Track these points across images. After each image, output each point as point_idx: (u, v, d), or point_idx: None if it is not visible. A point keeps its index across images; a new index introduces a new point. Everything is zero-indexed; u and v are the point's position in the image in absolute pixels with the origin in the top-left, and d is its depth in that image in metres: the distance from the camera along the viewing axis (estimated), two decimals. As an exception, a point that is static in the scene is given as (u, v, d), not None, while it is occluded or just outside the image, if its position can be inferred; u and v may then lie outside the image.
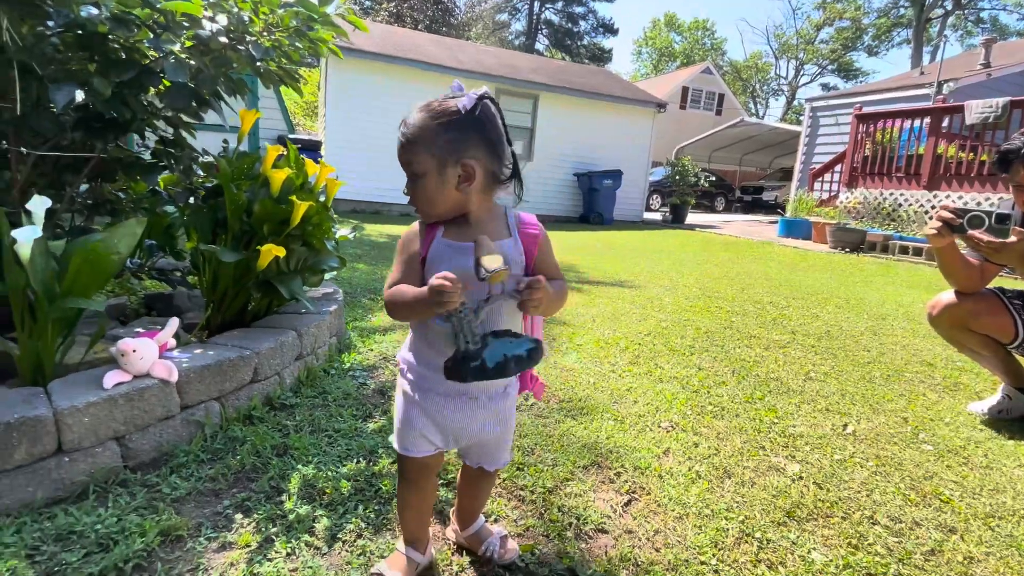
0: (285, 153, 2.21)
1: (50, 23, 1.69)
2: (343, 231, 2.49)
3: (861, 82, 35.47)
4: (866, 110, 9.72)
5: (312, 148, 9.43)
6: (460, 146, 0.94)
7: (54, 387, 1.43)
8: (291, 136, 9.52)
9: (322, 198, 2.32)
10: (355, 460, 1.58)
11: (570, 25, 34.91)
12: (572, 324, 3.24)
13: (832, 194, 10.39)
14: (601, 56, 34.93)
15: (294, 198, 2.00)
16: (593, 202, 11.51)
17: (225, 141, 2.29)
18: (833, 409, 2.21)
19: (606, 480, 1.59)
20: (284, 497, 1.38)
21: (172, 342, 1.66)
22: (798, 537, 1.39)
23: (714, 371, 2.56)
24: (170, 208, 2.38)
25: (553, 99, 11.45)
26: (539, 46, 35.11)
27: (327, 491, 1.41)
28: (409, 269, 0.98)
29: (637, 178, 12.50)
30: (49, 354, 1.55)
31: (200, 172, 2.21)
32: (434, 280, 0.86)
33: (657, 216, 14.60)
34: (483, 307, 0.90)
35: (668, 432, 1.91)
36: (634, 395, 2.22)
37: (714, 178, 19.37)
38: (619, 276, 4.99)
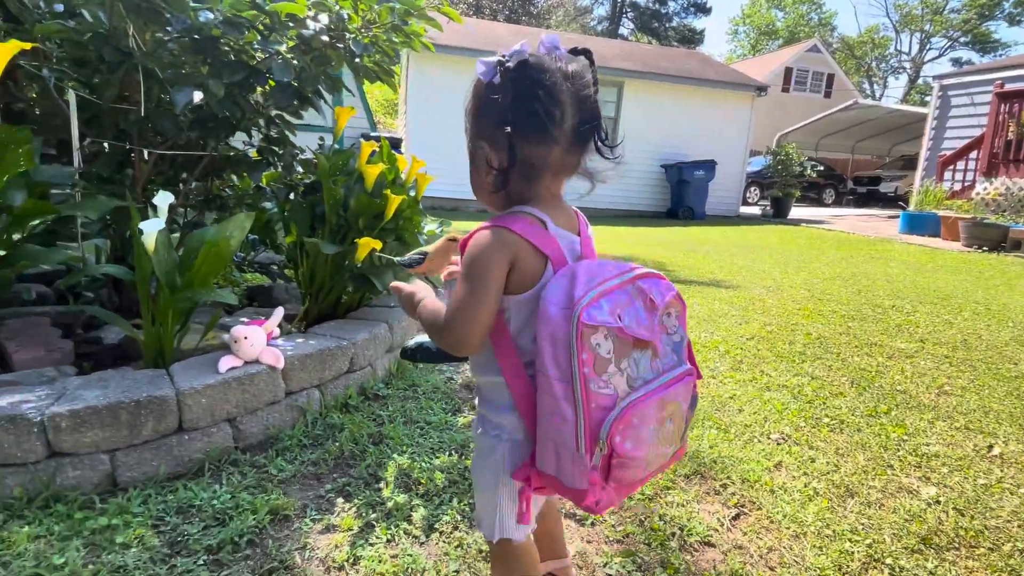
0: (378, 149, 2.33)
1: (168, 28, 1.89)
2: (431, 226, 2.58)
3: (1001, 55, 31.61)
4: (1009, 87, 8.66)
5: (393, 146, 9.87)
6: (479, 124, 0.84)
7: (175, 370, 1.60)
8: (373, 134, 10.00)
9: (412, 193, 2.42)
10: (447, 453, 1.64)
11: (657, 6, 33.99)
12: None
13: (966, 184, 9.37)
14: (692, 38, 33.71)
15: (388, 192, 2.10)
16: (682, 195, 11.15)
17: (321, 139, 2.45)
18: (974, 428, 2.01)
19: (711, 491, 1.55)
20: (382, 485, 1.46)
21: (276, 331, 1.80)
22: (936, 567, 1.27)
23: (829, 380, 2.42)
24: (268, 204, 2.59)
25: (639, 86, 11.22)
26: (623, 31, 34.50)
27: (422, 481, 1.47)
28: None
29: (733, 169, 11.97)
30: (169, 340, 1.73)
31: (299, 169, 2.38)
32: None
33: (755, 210, 13.90)
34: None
35: (779, 445, 1.84)
36: (738, 403, 2.15)
37: (822, 168, 18.13)
38: (714, 275, 4.83)
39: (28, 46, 1.51)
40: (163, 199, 1.64)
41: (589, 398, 0.74)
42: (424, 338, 1.05)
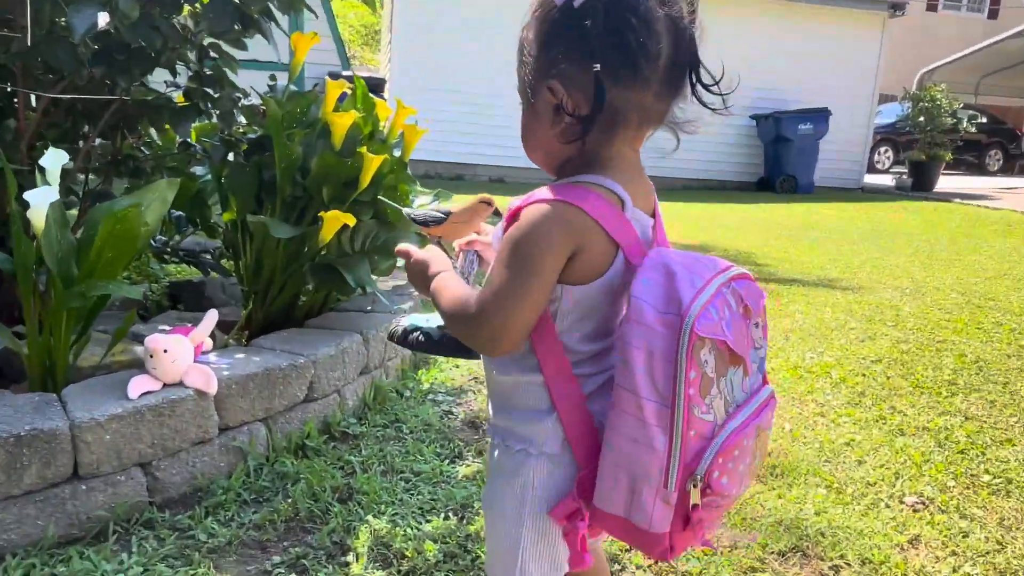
0: (350, 91, 2.36)
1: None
2: (422, 198, 2.60)
3: None
4: None
5: (372, 89, 9.96)
6: (548, 57, 0.88)
7: (69, 394, 1.64)
8: (345, 73, 10.11)
9: (397, 152, 2.45)
10: (442, 515, 1.66)
11: None
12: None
13: None
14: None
15: (363, 151, 2.13)
16: (781, 159, 11.07)
17: (272, 77, 2.48)
18: None
19: (816, 574, 1.55)
20: (350, 558, 1.49)
21: (208, 343, 1.83)
22: None
23: (992, 422, 2.40)
24: (199, 169, 2.63)
25: (720, 2, 11.16)
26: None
27: (407, 554, 1.50)
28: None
29: (854, 121, 11.83)
30: (63, 353, 1.77)
31: (242, 120, 2.41)
32: None
33: (886, 180, 13.73)
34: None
35: (916, 512, 1.84)
36: (857, 452, 2.14)
37: (984, 119, 17.78)
38: (825, 272, 4.80)
39: None
40: (55, 159, 1.68)
41: (690, 425, 0.80)
42: (422, 319, 1.09)
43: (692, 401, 0.79)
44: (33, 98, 2.16)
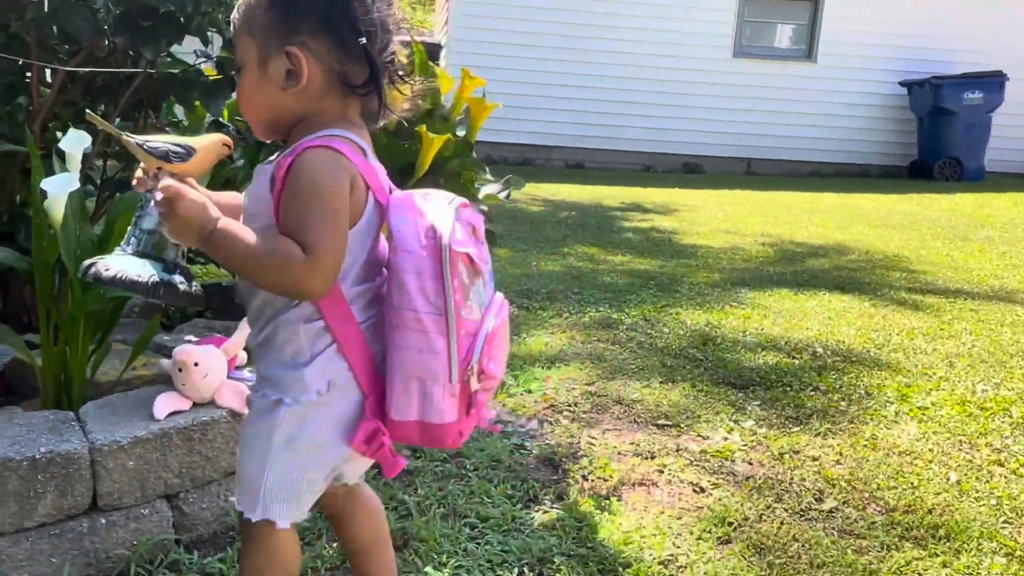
0: (408, 58, 2.43)
1: None
2: (490, 187, 2.65)
3: None
4: None
5: (430, 56, 10.15)
6: (286, 24, 1.20)
7: (88, 413, 1.75)
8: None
9: (461, 132, 2.50)
10: (515, 570, 1.68)
11: None
12: (903, 367, 3.10)
13: None
14: None
15: (422, 130, 2.19)
16: (941, 137, 10.76)
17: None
18: None
19: None
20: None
21: (242, 356, 1.92)
22: None
23: None
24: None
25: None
26: None
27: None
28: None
29: (1038, 89, 11.39)
30: (80, 365, 1.88)
31: (280, 93, 2.52)
32: None
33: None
34: (146, 204, 1.22)
35: None
36: None
37: None
38: (1001, 281, 4.70)
39: None
40: (76, 141, 1.78)
41: (460, 325, 1.16)
42: (126, 257, 1.20)
43: (459, 306, 1.15)
44: (48, 73, 2.30)
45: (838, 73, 11.20)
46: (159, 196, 1.10)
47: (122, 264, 1.18)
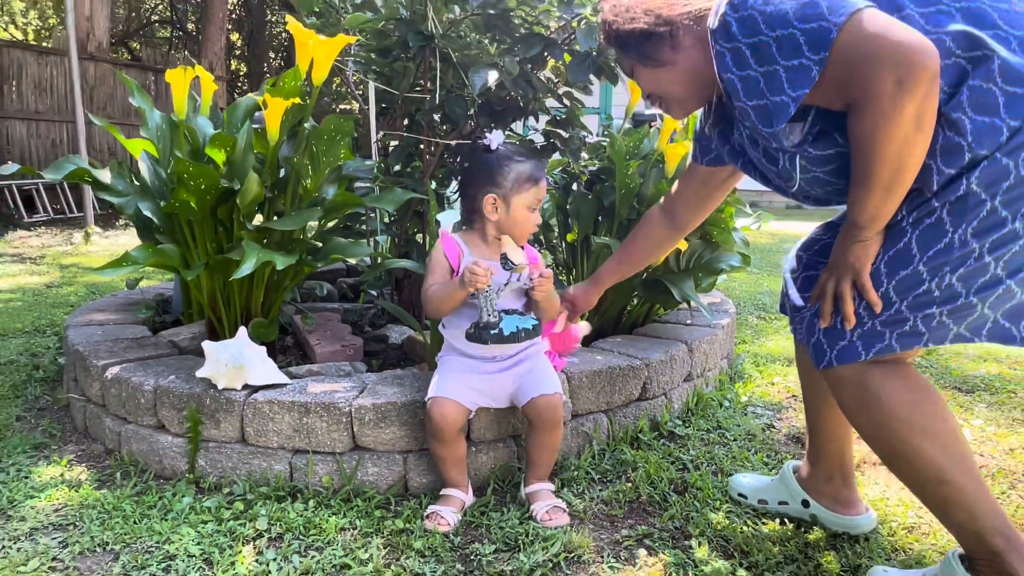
0: (683, 125, 2.43)
1: (467, 5, 2.28)
2: (744, 219, 2.58)
3: None
4: None
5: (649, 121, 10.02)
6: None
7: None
8: (647, 112, 10.28)
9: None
10: (778, 520, 1.62)
11: None
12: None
13: None
14: None
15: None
16: None
17: (608, 117, 2.67)
18: None
19: None
20: (692, 543, 1.51)
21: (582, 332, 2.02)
22: None
23: None
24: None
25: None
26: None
27: (747, 550, 1.48)
28: (443, 277, 1.66)
29: None
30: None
31: (584, 156, 2.62)
32: (469, 263, 1.53)
33: None
34: (502, 290, 1.63)
35: None
36: None
37: None
38: None
39: (353, 39, 2.00)
40: (450, 216, 2.02)
41: None
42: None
43: None
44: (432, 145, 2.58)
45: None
46: (543, 276, 1.61)
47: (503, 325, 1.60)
